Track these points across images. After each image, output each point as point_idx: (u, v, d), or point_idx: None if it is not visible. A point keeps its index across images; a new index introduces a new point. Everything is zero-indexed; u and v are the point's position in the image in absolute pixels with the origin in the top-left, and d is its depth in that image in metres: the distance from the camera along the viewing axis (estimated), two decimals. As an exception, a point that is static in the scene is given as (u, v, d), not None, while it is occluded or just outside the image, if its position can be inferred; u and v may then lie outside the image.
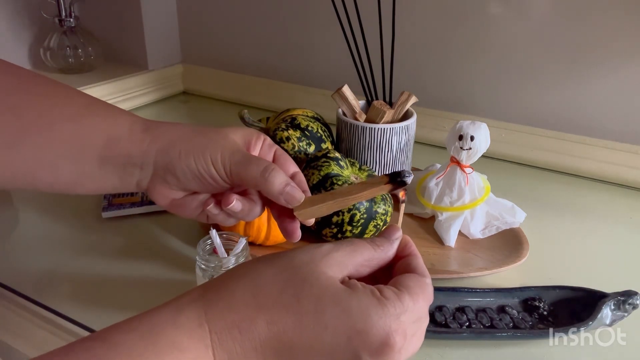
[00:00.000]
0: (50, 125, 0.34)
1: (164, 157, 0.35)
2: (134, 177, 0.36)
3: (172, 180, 0.36)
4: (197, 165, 0.35)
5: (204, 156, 0.35)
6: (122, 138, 0.35)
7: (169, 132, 0.36)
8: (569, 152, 0.77)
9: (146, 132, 0.36)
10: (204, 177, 0.35)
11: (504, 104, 0.81)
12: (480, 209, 0.59)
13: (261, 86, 1.03)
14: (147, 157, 0.36)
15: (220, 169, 0.35)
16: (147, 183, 0.37)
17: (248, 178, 0.35)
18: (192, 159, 0.35)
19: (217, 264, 0.45)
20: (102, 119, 0.36)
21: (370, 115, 0.62)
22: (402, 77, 0.70)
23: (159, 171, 0.36)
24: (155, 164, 0.36)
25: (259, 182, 0.35)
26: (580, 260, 0.57)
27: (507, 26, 0.77)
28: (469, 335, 0.44)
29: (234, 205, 0.36)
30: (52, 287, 0.51)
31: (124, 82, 1.00)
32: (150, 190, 0.37)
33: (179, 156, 0.35)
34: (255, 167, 0.35)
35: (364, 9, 0.63)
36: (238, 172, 0.35)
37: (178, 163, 0.35)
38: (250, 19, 1.01)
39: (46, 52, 1.00)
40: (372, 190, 0.34)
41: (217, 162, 0.35)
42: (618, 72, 0.72)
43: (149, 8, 1.03)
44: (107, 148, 0.35)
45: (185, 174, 0.35)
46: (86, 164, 0.35)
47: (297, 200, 0.35)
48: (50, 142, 0.34)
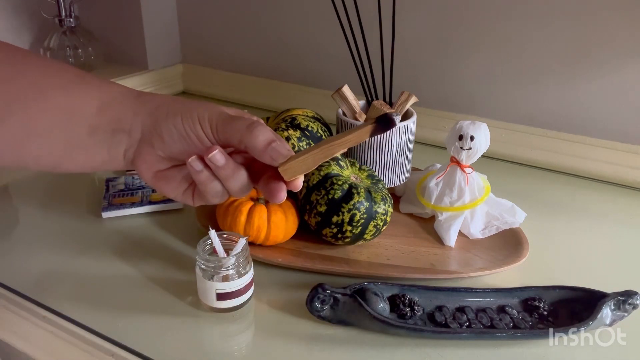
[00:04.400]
0: (41, 94, 0.34)
1: (151, 118, 0.36)
2: (122, 145, 0.36)
3: (158, 144, 0.36)
4: (183, 123, 0.35)
5: (191, 115, 0.35)
6: (114, 102, 0.36)
7: (159, 97, 0.37)
8: (569, 152, 0.77)
9: (137, 98, 0.37)
10: (189, 137, 0.35)
11: (504, 104, 0.81)
12: (480, 209, 0.59)
13: (261, 86, 1.03)
14: (136, 121, 0.36)
15: (207, 126, 0.35)
16: (134, 152, 0.36)
17: (233, 132, 0.34)
18: (179, 117, 0.35)
19: (217, 264, 0.45)
20: (94, 87, 0.36)
21: (370, 115, 0.62)
22: (402, 77, 0.70)
23: (145, 135, 0.36)
24: (142, 126, 0.36)
25: (244, 136, 0.34)
26: (580, 260, 0.57)
27: (507, 26, 0.77)
28: (469, 335, 0.44)
29: (215, 154, 0.35)
30: (52, 287, 0.51)
31: (124, 82, 1.00)
32: (135, 161, 0.37)
33: (166, 116, 0.35)
34: (241, 122, 0.35)
35: (364, 9, 0.63)
36: (224, 128, 0.35)
37: (165, 122, 0.35)
38: (250, 19, 1.01)
39: (46, 52, 1.00)
40: (357, 133, 0.33)
41: (204, 119, 0.35)
42: (618, 72, 0.72)
43: (149, 8, 1.03)
44: (98, 114, 0.35)
45: (172, 134, 0.35)
46: (76, 133, 0.35)
47: (282, 156, 0.34)
48: (41, 111, 0.34)
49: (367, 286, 0.46)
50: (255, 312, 0.48)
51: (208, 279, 0.45)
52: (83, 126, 0.35)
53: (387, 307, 0.45)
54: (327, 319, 0.45)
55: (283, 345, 0.44)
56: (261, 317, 0.48)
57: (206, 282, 0.45)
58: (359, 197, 0.51)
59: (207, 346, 0.44)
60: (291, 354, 0.43)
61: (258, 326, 0.47)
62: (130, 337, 0.44)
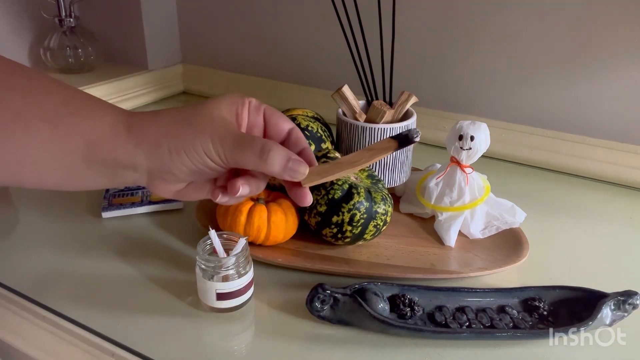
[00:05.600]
0: (26, 126, 0.32)
1: (155, 160, 0.35)
2: (127, 177, 0.36)
3: (171, 178, 0.36)
4: (190, 159, 0.34)
5: (196, 149, 0.34)
6: (104, 141, 0.34)
7: (152, 131, 0.35)
8: (569, 152, 0.77)
9: (129, 134, 0.34)
10: (201, 170, 0.35)
11: (504, 104, 0.81)
12: (480, 209, 0.59)
13: (261, 86, 1.03)
14: (136, 160, 0.35)
15: (216, 158, 0.34)
16: (145, 182, 0.36)
17: (247, 163, 0.34)
18: (184, 155, 0.34)
19: (217, 264, 0.45)
20: (79, 120, 0.34)
21: (370, 115, 0.62)
22: (402, 77, 0.70)
23: (153, 172, 0.36)
24: (148, 167, 0.35)
25: (259, 166, 0.34)
26: (580, 260, 0.57)
27: (507, 26, 0.77)
28: (469, 335, 0.44)
29: (241, 191, 0.36)
30: (52, 287, 0.51)
31: (124, 82, 1.00)
32: (150, 188, 0.37)
33: (170, 155, 0.34)
34: (251, 152, 0.34)
35: (364, 9, 0.63)
36: (235, 159, 0.34)
37: (171, 163, 0.34)
38: (250, 19, 1.01)
39: (46, 52, 1.00)
40: (379, 155, 0.35)
41: (211, 152, 0.34)
42: (618, 72, 0.72)
43: (149, 8, 1.03)
44: (90, 152, 0.34)
45: (182, 171, 0.35)
46: (71, 164, 0.34)
47: (301, 174, 0.35)
48: (29, 142, 0.33)
49: (367, 286, 0.46)
50: (255, 312, 0.48)
51: (208, 279, 0.45)
52: (76, 158, 0.34)
53: (387, 307, 0.45)
54: (327, 319, 0.45)
55: (283, 345, 0.44)
56: (261, 317, 0.48)
57: (206, 282, 0.45)
58: (359, 197, 0.51)
59: (207, 346, 0.44)
60: (291, 354, 0.43)
61: (258, 326, 0.47)
62: (130, 337, 0.44)
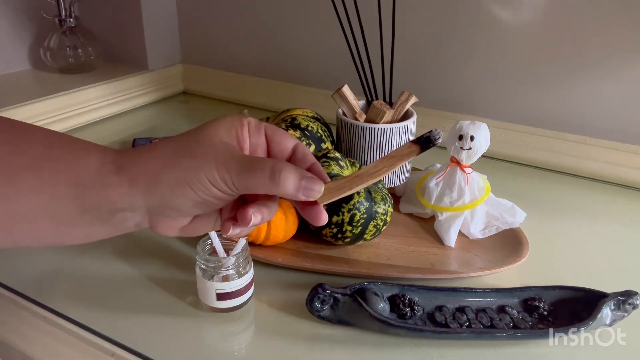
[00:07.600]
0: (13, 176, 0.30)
1: (154, 197, 0.31)
2: (127, 221, 0.33)
3: (173, 214, 0.33)
4: (196, 192, 0.31)
5: (200, 180, 0.31)
6: (92, 184, 0.31)
7: (146, 166, 0.31)
8: (569, 152, 0.77)
9: (120, 174, 0.31)
10: (206, 201, 0.32)
11: (504, 104, 0.81)
12: (480, 209, 0.59)
13: (261, 86, 1.03)
14: (133, 200, 0.31)
15: (223, 186, 0.31)
16: (147, 223, 0.33)
17: (257, 188, 0.31)
18: (187, 188, 0.31)
19: (217, 264, 0.45)
20: (63, 164, 0.31)
21: (370, 115, 0.62)
22: (402, 77, 0.70)
23: (154, 211, 0.32)
24: (147, 206, 0.32)
25: (270, 189, 0.31)
26: (580, 260, 0.57)
27: (507, 26, 0.77)
28: (469, 335, 0.44)
29: (253, 220, 0.32)
30: (52, 287, 0.51)
31: (124, 82, 1.00)
32: (153, 229, 0.34)
33: (170, 191, 0.31)
34: (261, 174, 0.31)
35: (364, 9, 0.63)
36: (244, 184, 0.31)
37: (172, 198, 0.31)
38: (250, 19, 1.01)
39: (46, 52, 1.00)
40: (401, 162, 0.33)
41: (217, 181, 0.31)
42: (618, 72, 0.72)
43: (149, 8, 1.03)
44: (80, 197, 0.31)
45: (185, 205, 0.32)
46: (64, 214, 0.31)
47: (317, 192, 0.32)
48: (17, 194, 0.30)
49: (367, 286, 0.46)
50: (255, 312, 0.48)
51: (208, 279, 0.45)
52: (67, 206, 0.31)
53: (387, 307, 0.45)
54: (327, 319, 0.45)
55: (283, 345, 0.44)
56: (261, 317, 0.48)
57: (206, 282, 0.45)
58: (359, 197, 0.51)
59: (207, 346, 0.44)
60: (291, 354, 0.43)
61: (258, 326, 0.47)
62: (130, 337, 0.44)
